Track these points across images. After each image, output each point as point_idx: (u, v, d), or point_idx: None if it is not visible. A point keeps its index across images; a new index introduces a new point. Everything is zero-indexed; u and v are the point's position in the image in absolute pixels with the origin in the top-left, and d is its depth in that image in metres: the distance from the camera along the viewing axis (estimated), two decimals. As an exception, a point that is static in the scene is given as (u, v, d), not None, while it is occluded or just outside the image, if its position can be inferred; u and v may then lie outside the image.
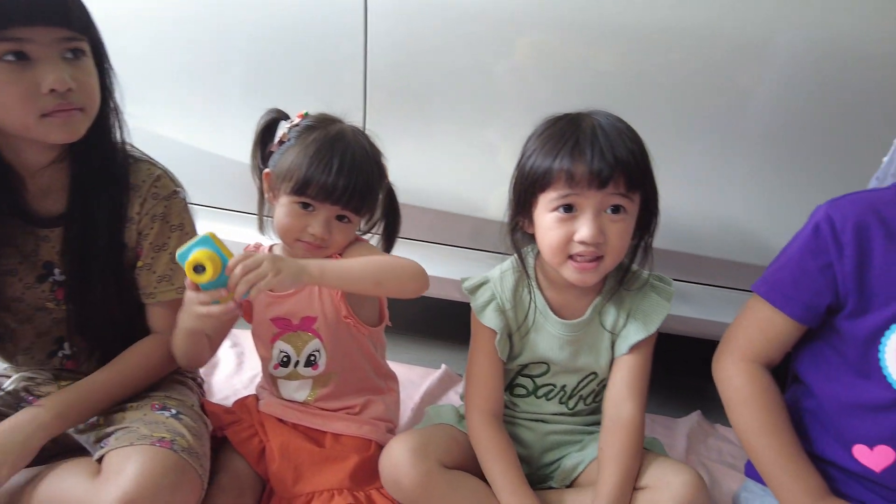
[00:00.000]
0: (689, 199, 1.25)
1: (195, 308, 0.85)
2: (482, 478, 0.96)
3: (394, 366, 1.22)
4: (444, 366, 1.51)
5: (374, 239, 1.10)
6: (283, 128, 1.03)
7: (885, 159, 0.96)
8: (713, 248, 1.26)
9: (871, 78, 1.09)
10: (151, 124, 1.35)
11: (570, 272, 0.92)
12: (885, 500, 0.78)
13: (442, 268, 1.41)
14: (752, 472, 0.92)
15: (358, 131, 1.02)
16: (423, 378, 1.45)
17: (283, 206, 0.99)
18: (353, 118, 1.07)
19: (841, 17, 1.09)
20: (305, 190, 0.96)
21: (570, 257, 0.91)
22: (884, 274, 0.76)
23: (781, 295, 0.83)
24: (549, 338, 1.00)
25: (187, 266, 0.81)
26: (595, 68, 1.21)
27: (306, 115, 1.03)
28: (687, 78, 1.17)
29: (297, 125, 1.01)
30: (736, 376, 0.85)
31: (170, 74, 1.46)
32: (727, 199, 1.24)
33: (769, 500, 0.87)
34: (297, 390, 1.09)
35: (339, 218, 1.00)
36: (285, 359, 1.08)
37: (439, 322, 1.82)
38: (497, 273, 1.03)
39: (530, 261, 1.02)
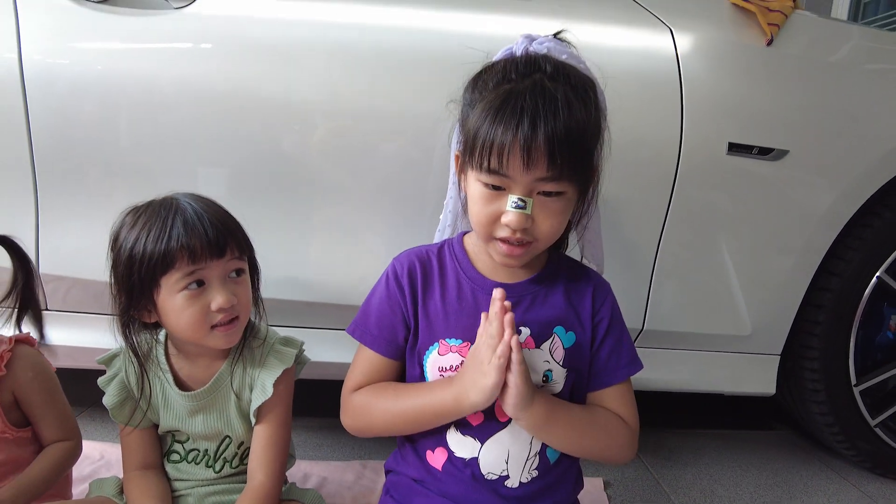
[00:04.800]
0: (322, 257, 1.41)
1: None
2: None
3: (91, 444, 1.23)
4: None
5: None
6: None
7: (441, 216, 1.10)
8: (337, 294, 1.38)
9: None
10: None
11: (216, 339, 0.98)
12: (441, 496, 0.95)
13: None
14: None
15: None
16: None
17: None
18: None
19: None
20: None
21: (213, 326, 0.96)
22: (424, 308, 0.96)
23: (371, 336, 0.98)
24: (176, 408, 1.06)
25: None
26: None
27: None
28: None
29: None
30: (354, 399, 0.98)
31: None
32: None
33: None
34: None
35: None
36: None
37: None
38: (123, 352, 1.05)
39: (159, 348, 1.06)
